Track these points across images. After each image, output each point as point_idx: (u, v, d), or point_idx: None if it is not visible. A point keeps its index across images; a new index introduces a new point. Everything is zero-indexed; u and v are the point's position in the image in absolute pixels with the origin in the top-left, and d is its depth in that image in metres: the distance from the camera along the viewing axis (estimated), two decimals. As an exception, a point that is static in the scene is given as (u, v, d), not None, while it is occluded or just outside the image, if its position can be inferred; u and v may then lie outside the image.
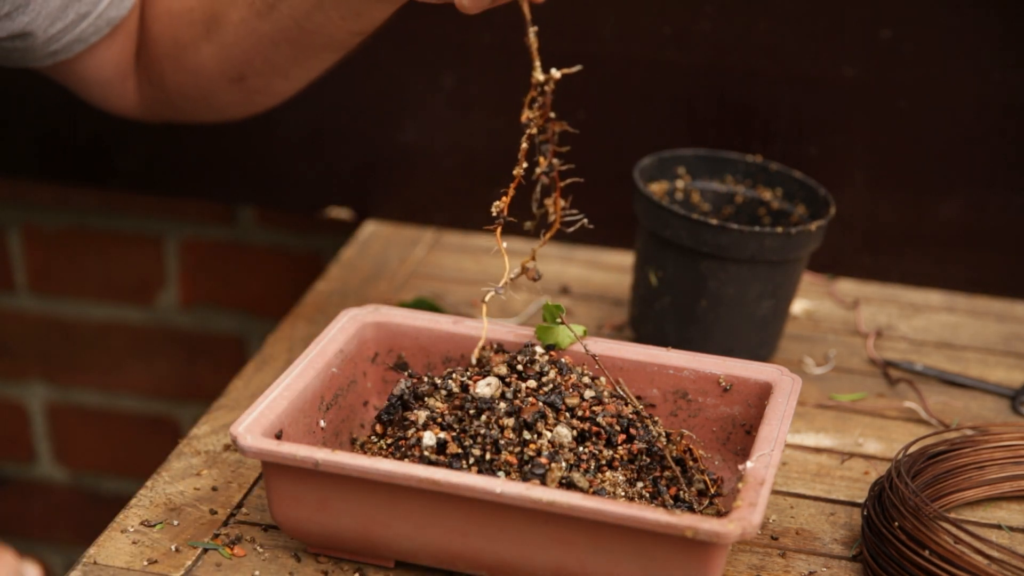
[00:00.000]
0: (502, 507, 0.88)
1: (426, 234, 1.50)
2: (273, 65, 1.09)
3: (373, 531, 0.93)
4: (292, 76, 1.13)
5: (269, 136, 1.54)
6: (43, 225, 1.70)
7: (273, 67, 1.09)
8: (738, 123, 1.44)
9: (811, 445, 1.16)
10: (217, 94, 1.14)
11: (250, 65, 1.09)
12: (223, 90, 1.13)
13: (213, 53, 1.10)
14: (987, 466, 1.07)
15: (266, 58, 1.08)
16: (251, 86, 1.12)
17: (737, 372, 1.04)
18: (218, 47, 1.09)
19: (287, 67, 1.10)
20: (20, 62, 1.13)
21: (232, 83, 1.11)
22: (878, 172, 1.44)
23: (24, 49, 1.11)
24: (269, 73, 1.10)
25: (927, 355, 1.32)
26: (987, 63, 1.38)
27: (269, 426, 0.93)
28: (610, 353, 1.05)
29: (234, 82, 1.11)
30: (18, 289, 1.73)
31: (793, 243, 1.19)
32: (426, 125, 1.51)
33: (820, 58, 1.40)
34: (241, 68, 1.10)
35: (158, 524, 0.99)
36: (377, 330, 1.07)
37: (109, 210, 1.68)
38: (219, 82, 1.12)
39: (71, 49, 1.11)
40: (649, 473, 0.98)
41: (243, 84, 1.11)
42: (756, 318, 1.22)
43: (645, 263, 1.24)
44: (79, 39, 1.10)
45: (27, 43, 1.09)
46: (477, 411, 0.96)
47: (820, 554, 1.01)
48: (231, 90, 1.12)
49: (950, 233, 1.44)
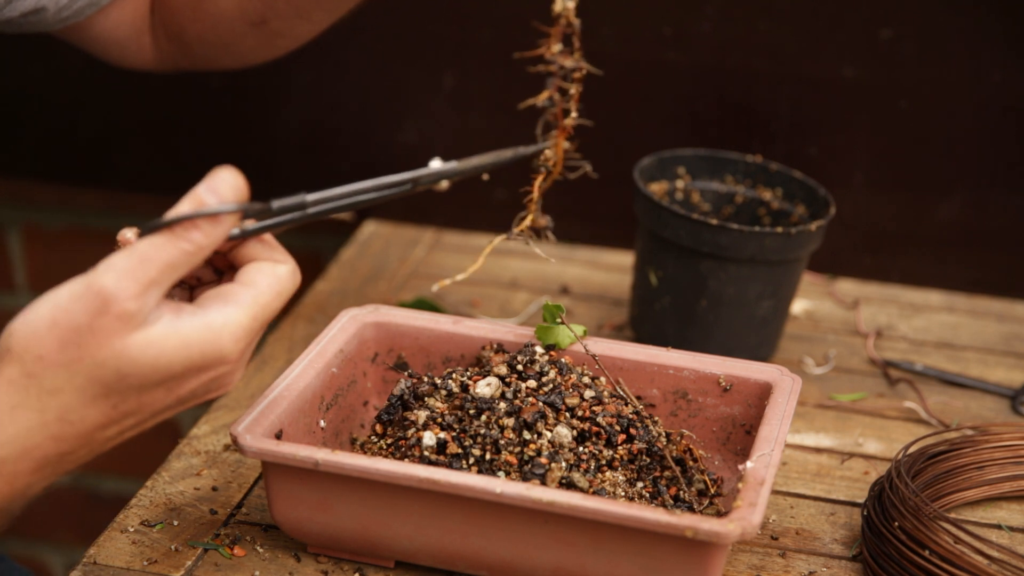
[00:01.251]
0: (502, 507, 0.88)
1: (426, 234, 1.50)
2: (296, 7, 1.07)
3: (373, 531, 0.93)
4: (315, 18, 1.10)
5: (269, 136, 1.54)
6: (43, 225, 1.70)
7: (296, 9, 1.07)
8: (738, 123, 1.44)
9: (811, 445, 1.16)
10: (238, 40, 1.12)
11: (272, 8, 1.07)
12: (244, 34, 1.11)
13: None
14: (987, 466, 1.07)
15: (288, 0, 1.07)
16: (273, 29, 1.10)
17: (737, 372, 1.04)
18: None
19: (310, 9, 1.08)
20: (33, 29, 1.11)
21: (253, 27, 1.09)
22: (878, 172, 1.44)
23: (36, 21, 1.09)
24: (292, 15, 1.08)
25: (927, 355, 1.32)
26: (987, 63, 1.38)
27: (269, 426, 0.93)
28: (610, 353, 1.05)
29: (255, 26, 1.09)
30: (18, 289, 1.73)
31: (793, 243, 1.19)
32: (426, 125, 1.51)
33: (820, 58, 1.40)
34: (263, 11, 1.08)
35: (158, 524, 0.99)
36: (377, 330, 1.07)
37: (109, 210, 1.68)
38: (240, 27, 1.10)
39: (83, 13, 1.09)
40: (649, 473, 0.98)
41: (265, 27, 1.09)
42: (756, 318, 1.22)
43: (645, 263, 1.24)
44: (91, 3, 1.09)
45: (39, 17, 1.08)
46: (477, 411, 0.96)
47: (820, 554, 1.01)
48: (252, 34, 1.11)
49: (950, 233, 1.44)
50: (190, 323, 0.76)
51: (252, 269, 0.80)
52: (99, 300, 0.73)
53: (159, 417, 0.80)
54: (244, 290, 0.79)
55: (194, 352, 0.76)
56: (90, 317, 0.73)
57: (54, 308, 0.73)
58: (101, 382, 0.75)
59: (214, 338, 0.76)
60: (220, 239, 0.76)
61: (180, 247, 0.75)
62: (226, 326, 0.77)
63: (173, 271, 0.75)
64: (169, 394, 0.78)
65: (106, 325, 0.73)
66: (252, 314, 0.78)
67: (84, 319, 0.73)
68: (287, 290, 0.81)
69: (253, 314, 0.78)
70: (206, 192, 0.76)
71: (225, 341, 0.77)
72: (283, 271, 0.81)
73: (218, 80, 1.52)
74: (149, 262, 0.74)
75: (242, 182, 0.77)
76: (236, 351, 0.77)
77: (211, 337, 0.76)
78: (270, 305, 0.79)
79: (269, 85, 1.51)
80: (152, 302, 0.74)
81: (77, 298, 0.73)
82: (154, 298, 0.74)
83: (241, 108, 1.55)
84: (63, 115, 1.58)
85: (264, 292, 0.79)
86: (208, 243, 0.76)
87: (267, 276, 0.80)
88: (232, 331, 0.77)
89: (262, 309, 0.79)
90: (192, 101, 1.54)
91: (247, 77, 1.42)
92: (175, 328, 0.75)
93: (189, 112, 1.55)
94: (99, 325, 0.73)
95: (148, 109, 1.57)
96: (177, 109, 1.55)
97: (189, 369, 0.76)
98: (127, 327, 0.74)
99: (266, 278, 0.80)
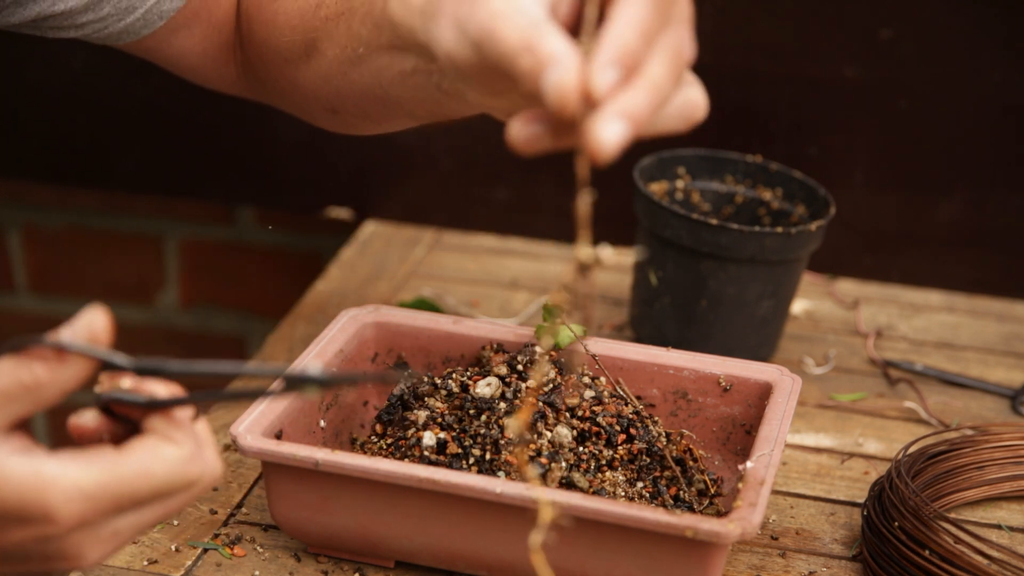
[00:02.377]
0: (502, 507, 0.88)
1: (426, 234, 1.50)
2: (362, 111, 1.06)
3: (373, 531, 0.93)
4: (383, 124, 1.09)
5: (269, 136, 1.54)
6: (43, 225, 1.70)
7: (362, 112, 1.07)
8: (738, 123, 1.44)
9: (811, 445, 1.16)
10: (314, 115, 1.12)
11: (342, 104, 1.06)
12: (319, 113, 1.11)
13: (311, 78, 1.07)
14: (987, 466, 1.07)
15: (356, 103, 1.05)
16: (343, 121, 1.10)
17: (737, 372, 1.04)
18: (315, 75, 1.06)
19: (377, 117, 1.07)
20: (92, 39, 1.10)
21: (326, 112, 1.09)
22: (878, 172, 1.44)
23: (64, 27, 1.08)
24: (359, 115, 1.08)
25: (927, 355, 1.32)
26: (987, 63, 1.38)
27: (269, 426, 0.93)
28: (610, 353, 1.05)
29: (328, 112, 1.09)
30: (18, 289, 1.73)
31: (793, 243, 1.19)
32: (426, 125, 1.50)
33: (820, 58, 1.40)
34: (334, 103, 1.07)
35: (158, 524, 0.99)
36: (377, 330, 1.07)
37: (109, 210, 1.68)
38: (314, 106, 1.10)
39: (121, 38, 1.09)
40: (649, 473, 0.98)
41: (336, 117, 1.09)
42: (756, 318, 1.22)
43: (645, 263, 1.24)
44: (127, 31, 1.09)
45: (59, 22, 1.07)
46: (477, 411, 0.96)
47: (820, 554, 1.01)
48: (326, 117, 1.11)
49: (950, 233, 1.44)
50: (16, 462, 0.67)
51: (136, 440, 0.70)
52: None
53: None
54: (109, 454, 0.68)
55: (9, 493, 0.66)
56: None
57: None
58: None
59: (39, 487, 0.66)
60: (68, 381, 0.69)
61: (18, 377, 0.68)
62: (59, 480, 0.66)
63: (7, 401, 0.68)
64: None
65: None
66: (100, 481, 0.67)
67: None
68: (162, 474, 0.69)
69: (102, 482, 0.67)
70: (64, 328, 0.69)
71: (53, 496, 0.66)
72: (169, 453, 0.69)
73: (218, 80, 1.52)
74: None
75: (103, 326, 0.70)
76: (68, 514, 0.67)
77: (36, 485, 0.66)
78: (130, 482, 0.68)
79: (269, 85, 1.51)
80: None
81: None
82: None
83: (241, 108, 1.54)
84: (63, 115, 1.58)
85: (128, 464, 0.68)
86: (49, 381, 0.68)
87: (143, 450, 0.69)
88: (64, 488, 0.66)
89: (118, 482, 0.67)
90: (192, 101, 1.54)
91: (247, 77, 1.42)
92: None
93: (189, 112, 1.55)
94: None
95: (148, 109, 1.56)
96: (177, 109, 1.55)
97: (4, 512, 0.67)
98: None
99: (140, 451, 0.69)
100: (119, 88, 1.55)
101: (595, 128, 0.68)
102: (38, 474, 0.67)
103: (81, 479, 0.67)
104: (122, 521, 0.70)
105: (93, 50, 1.54)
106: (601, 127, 0.68)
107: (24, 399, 0.68)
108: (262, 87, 1.14)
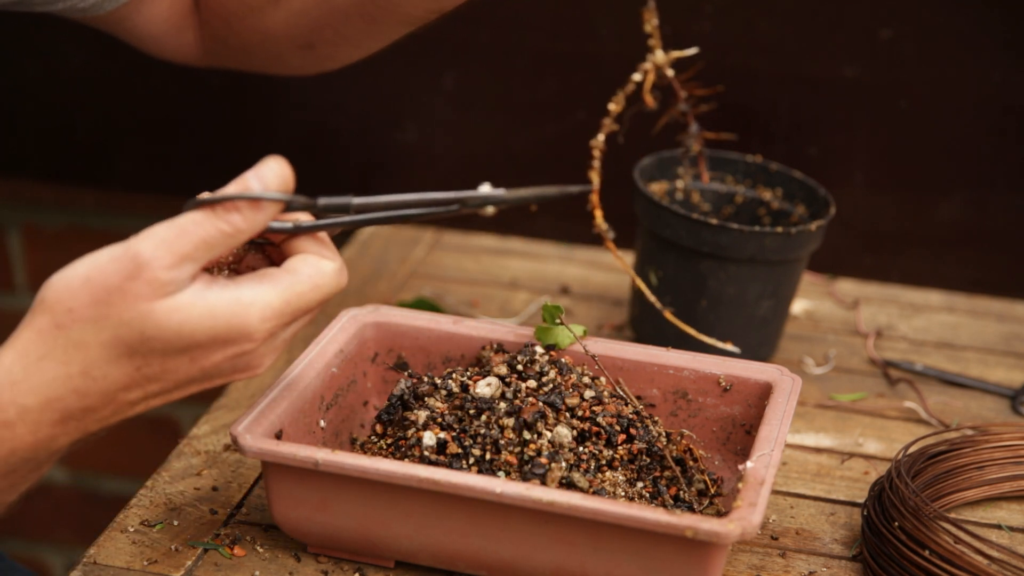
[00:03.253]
0: (502, 507, 0.88)
1: (426, 234, 1.50)
2: (344, 36, 1.07)
3: (373, 531, 0.93)
4: (363, 46, 1.11)
5: (269, 136, 1.54)
6: (43, 225, 1.70)
7: (344, 38, 1.08)
8: (738, 123, 1.44)
9: (811, 445, 1.16)
10: (284, 57, 1.13)
11: (319, 35, 1.08)
12: (291, 54, 1.12)
13: (281, 19, 1.08)
14: (987, 466, 1.07)
15: (336, 30, 1.07)
16: (320, 54, 1.10)
17: (737, 372, 1.04)
18: (286, 14, 1.08)
19: (359, 38, 1.08)
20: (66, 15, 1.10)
21: (300, 49, 1.10)
22: (878, 172, 1.44)
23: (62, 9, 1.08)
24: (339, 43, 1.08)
25: (927, 355, 1.32)
26: (987, 63, 1.38)
27: (269, 426, 0.93)
28: (610, 353, 1.05)
29: (302, 48, 1.09)
30: (18, 289, 1.73)
31: (793, 243, 1.19)
32: (426, 125, 1.51)
33: (820, 58, 1.40)
34: (310, 37, 1.08)
35: (158, 524, 0.99)
36: (377, 330, 1.07)
37: (109, 210, 1.68)
38: (287, 47, 1.11)
39: (101, 7, 1.09)
40: (649, 473, 0.98)
41: (312, 51, 1.10)
42: (756, 318, 1.22)
43: (645, 263, 1.24)
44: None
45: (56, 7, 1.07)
46: (477, 411, 0.96)
47: (820, 554, 1.01)
48: (299, 55, 1.11)
49: (950, 233, 1.44)
50: (219, 295, 0.77)
51: (297, 259, 0.82)
52: (133, 264, 0.75)
53: (184, 389, 0.81)
54: (282, 274, 0.80)
55: (219, 323, 0.77)
56: (122, 279, 0.75)
57: (91, 266, 0.76)
58: (125, 342, 0.76)
59: (241, 311, 0.77)
60: (260, 225, 0.78)
61: (218, 226, 0.77)
62: (255, 303, 0.78)
63: (208, 248, 0.77)
64: (193, 364, 0.79)
65: (136, 288, 0.75)
66: (285, 298, 0.79)
67: (117, 280, 0.75)
68: (328, 285, 0.82)
69: (286, 298, 0.79)
70: (252, 178, 0.78)
71: (252, 317, 0.78)
72: (327, 266, 0.82)
73: (218, 80, 1.52)
74: (186, 236, 0.76)
75: (289, 173, 0.79)
76: (263, 330, 0.78)
77: (238, 310, 0.77)
78: (306, 295, 0.80)
79: (269, 85, 1.51)
80: (185, 275, 0.76)
81: (114, 259, 0.76)
82: (187, 271, 0.76)
83: (241, 108, 1.55)
84: (63, 115, 1.58)
85: (302, 280, 0.80)
86: (247, 227, 0.77)
87: (309, 267, 0.81)
88: (260, 309, 0.78)
89: (297, 296, 0.80)
90: (192, 101, 1.54)
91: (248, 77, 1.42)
92: (203, 297, 0.77)
93: (189, 112, 1.55)
94: (130, 287, 0.75)
95: (148, 109, 1.57)
96: (177, 109, 1.55)
97: (213, 339, 0.77)
98: (156, 293, 0.76)
99: (307, 268, 0.81)
100: (119, 88, 1.55)
101: None
102: (239, 301, 0.78)
103: (272, 299, 0.79)
104: (292, 328, 0.82)
105: (93, 50, 1.54)
106: None
107: (224, 246, 0.77)
108: (224, 48, 1.14)
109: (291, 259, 0.82)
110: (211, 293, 0.77)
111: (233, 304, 0.77)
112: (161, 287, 0.76)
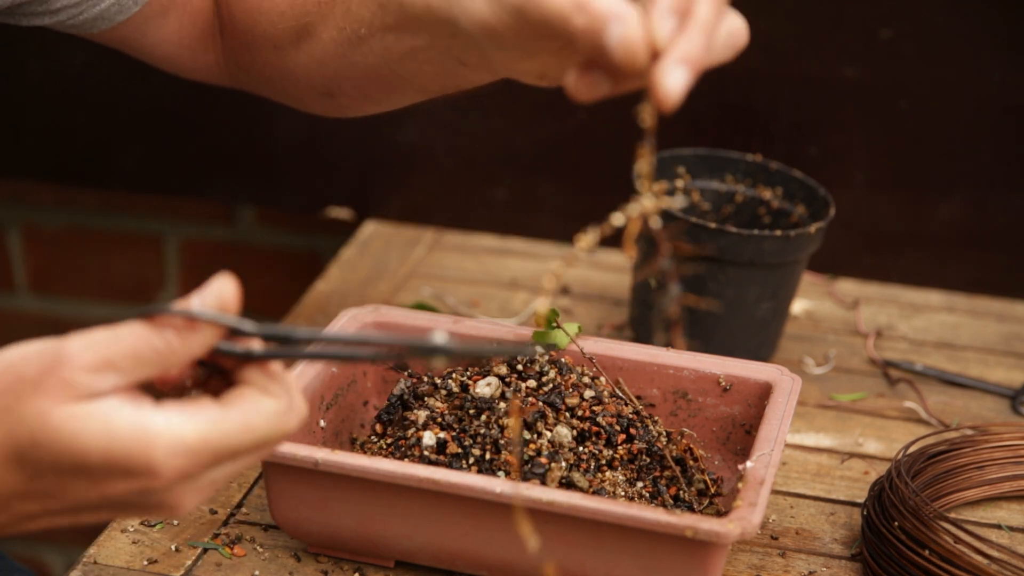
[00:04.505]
0: (502, 507, 0.88)
1: (426, 234, 1.50)
2: (362, 93, 1.03)
3: (373, 531, 0.93)
4: (382, 104, 1.07)
5: (269, 136, 1.54)
6: (43, 225, 1.70)
7: (363, 94, 1.04)
8: (738, 123, 1.44)
9: (811, 445, 1.16)
10: (305, 100, 1.10)
11: (339, 86, 1.04)
12: (311, 99, 1.08)
13: (303, 63, 1.04)
14: (987, 466, 1.07)
15: (355, 85, 1.02)
16: (339, 103, 1.07)
17: (737, 372, 1.04)
18: (307, 59, 1.04)
19: (377, 97, 1.04)
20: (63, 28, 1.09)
21: (320, 95, 1.07)
22: (878, 172, 1.44)
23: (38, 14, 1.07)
24: (357, 96, 1.05)
25: (927, 355, 1.32)
26: (987, 63, 1.38)
27: (269, 426, 0.93)
28: (610, 353, 1.05)
29: (322, 95, 1.07)
30: (18, 289, 1.73)
31: (792, 246, 1.19)
32: (426, 125, 1.51)
33: (820, 58, 1.40)
34: (329, 86, 1.05)
35: (158, 524, 0.99)
36: (377, 330, 1.07)
37: (109, 210, 1.68)
38: (306, 91, 1.08)
39: (96, 25, 1.08)
40: (649, 473, 0.98)
41: (331, 100, 1.07)
42: (756, 320, 1.22)
43: (644, 265, 1.24)
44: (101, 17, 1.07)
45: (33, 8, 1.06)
46: (477, 411, 0.96)
47: (820, 554, 1.01)
48: (319, 100, 1.08)
49: (950, 233, 1.44)
50: (125, 415, 0.68)
51: (235, 392, 0.71)
52: (55, 359, 0.68)
53: (94, 513, 0.71)
54: (211, 407, 0.69)
55: (115, 446, 0.67)
56: (39, 372, 0.68)
57: (20, 354, 0.70)
58: (15, 443, 0.68)
59: (145, 440, 0.67)
60: (198, 347, 0.70)
61: (151, 341, 0.69)
62: (163, 434, 0.67)
63: (137, 362, 0.69)
64: (91, 489, 0.69)
65: (47, 384, 0.68)
66: (202, 435, 0.68)
67: (33, 372, 0.68)
68: (262, 428, 0.70)
69: (204, 435, 0.68)
70: (195, 296, 0.71)
71: (157, 450, 0.67)
72: (267, 406, 0.70)
73: (218, 80, 1.52)
74: (117, 343, 0.68)
75: (231, 294, 0.72)
76: (170, 466, 0.67)
77: (142, 438, 0.67)
78: (232, 435, 0.69)
79: (269, 85, 1.51)
80: (105, 384, 0.68)
81: (41, 352, 0.69)
82: (109, 381, 0.68)
83: (242, 108, 1.54)
84: (63, 115, 1.58)
85: (230, 419, 0.69)
86: (180, 347, 0.69)
87: (244, 403, 0.70)
88: (168, 442, 0.67)
89: (220, 435, 0.68)
90: (192, 101, 1.54)
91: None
92: (106, 414, 0.68)
93: (189, 112, 1.55)
94: (42, 382, 0.68)
95: (148, 109, 1.56)
96: (177, 109, 1.55)
97: (109, 465, 0.68)
98: (64, 394, 0.68)
99: (242, 404, 0.70)
100: (119, 87, 1.55)
101: (662, 77, 0.72)
102: (145, 429, 0.67)
103: (185, 434, 0.68)
104: (219, 471, 0.71)
105: (93, 50, 1.54)
106: (667, 75, 0.72)
107: (154, 363, 0.69)
108: (247, 75, 1.12)
109: (231, 391, 0.71)
110: (121, 411, 0.68)
111: (137, 430, 0.67)
112: (71, 388, 0.67)
